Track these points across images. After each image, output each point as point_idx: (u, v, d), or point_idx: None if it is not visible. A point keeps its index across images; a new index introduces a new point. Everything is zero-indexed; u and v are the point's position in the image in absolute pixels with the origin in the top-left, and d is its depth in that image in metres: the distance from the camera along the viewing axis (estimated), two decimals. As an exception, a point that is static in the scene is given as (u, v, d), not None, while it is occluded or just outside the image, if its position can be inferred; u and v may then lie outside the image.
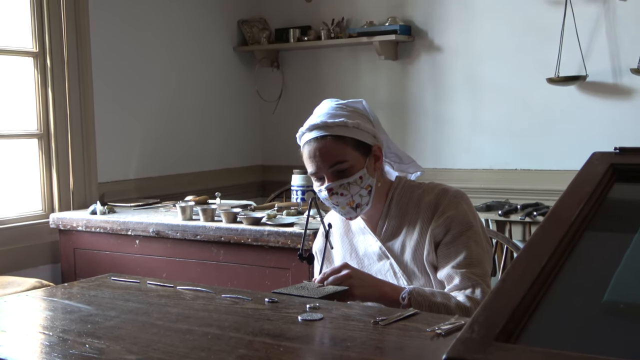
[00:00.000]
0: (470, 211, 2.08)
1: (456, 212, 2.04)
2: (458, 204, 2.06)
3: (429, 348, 1.50)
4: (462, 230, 2.03)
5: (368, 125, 2.10)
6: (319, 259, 2.26)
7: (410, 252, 2.08)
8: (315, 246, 2.32)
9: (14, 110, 4.00)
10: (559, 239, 1.19)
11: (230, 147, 5.27)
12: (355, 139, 2.06)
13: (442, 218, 2.04)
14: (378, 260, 2.14)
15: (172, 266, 3.50)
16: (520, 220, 4.03)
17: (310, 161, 2.08)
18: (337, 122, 2.06)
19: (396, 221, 2.13)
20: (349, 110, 2.12)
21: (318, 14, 5.11)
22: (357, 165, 2.05)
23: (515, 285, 1.08)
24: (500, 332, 0.98)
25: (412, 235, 2.09)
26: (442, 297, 1.94)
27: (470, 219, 2.05)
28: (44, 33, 4.00)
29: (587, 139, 4.19)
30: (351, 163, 2.04)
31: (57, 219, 3.87)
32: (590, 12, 4.17)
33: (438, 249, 2.04)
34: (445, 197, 2.07)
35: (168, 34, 4.77)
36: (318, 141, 2.06)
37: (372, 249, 2.15)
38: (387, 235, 2.14)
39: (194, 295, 1.99)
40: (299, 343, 1.53)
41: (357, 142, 2.07)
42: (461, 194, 2.10)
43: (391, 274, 2.10)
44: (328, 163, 2.05)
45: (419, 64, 4.78)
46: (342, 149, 2.05)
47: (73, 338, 1.62)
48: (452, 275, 2.00)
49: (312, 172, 2.09)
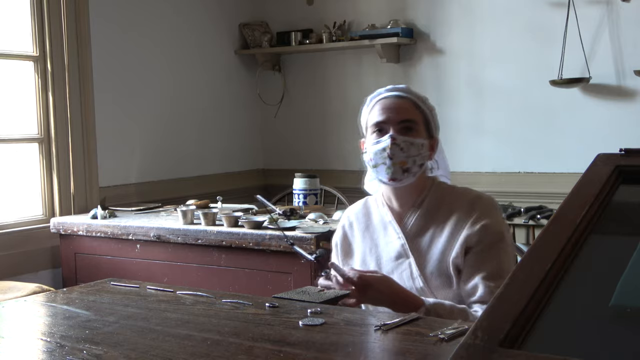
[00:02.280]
0: (503, 220, 2.09)
1: (491, 221, 2.03)
2: (493, 213, 2.06)
3: (432, 353, 1.47)
4: (494, 240, 2.01)
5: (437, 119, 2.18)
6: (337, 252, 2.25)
7: (435, 252, 2.06)
8: (335, 237, 2.29)
9: (14, 115, 3.99)
10: (564, 242, 1.17)
11: (232, 151, 5.25)
12: (427, 118, 2.13)
13: (477, 225, 2.02)
14: (396, 258, 2.10)
15: (173, 271, 3.48)
16: (524, 223, 4.01)
17: (381, 112, 2.10)
18: (418, 95, 2.15)
19: (424, 220, 2.11)
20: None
21: (320, 17, 5.10)
22: (422, 134, 2.10)
23: (519, 289, 1.06)
24: (505, 338, 0.96)
25: (440, 236, 2.06)
26: (460, 314, 1.91)
27: (503, 229, 2.05)
28: (45, 37, 3.99)
29: (590, 141, 4.17)
30: (418, 129, 2.09)
31: (57, 223, 3.86)
32: (593, 14, 4.15)
33: (468, 255, 2.02)
34: (480, 203, 2.07)
35: (169, 38, 4.76)
36: (398, 98, 2.12)
37: (393, 246, 2.12)
38: (412, 232, 2.11)
39: (194, 300, 1.97)
40: (299, 349, 1.51)
41: (427, 122, 2.13)
42: (494, 201, 2.11)
43: (407, 274, 2.07)
44: (401, 117, 2.08)
45: (421, 67, 4.76)
46: (416, 114, 2.11)
47: (71, 344, 1.60)
48: (478, 286, 1.98)
49: (378, 122, 2.10)
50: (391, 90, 2.15)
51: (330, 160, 5.17)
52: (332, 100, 5.16)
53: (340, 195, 4.51)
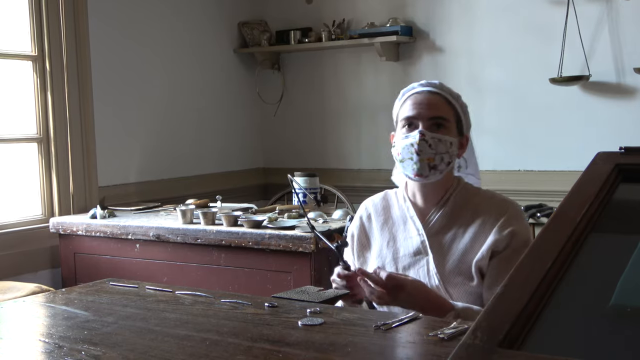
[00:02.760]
0: (529, 227, 2.10)
1: (519, 228, 2.03)
2: (521, 219, 2.07)
3: (431, 353, 1.47)
4: (521, 247, 1.99)
5: (469, 118, 2.18)
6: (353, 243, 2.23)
7: (457, 253, 2.05)
8: (352, 227, 2.27)
9: (13, 114, 3.98)
10: (564, 241, 1.17)
11: (231, 150, 5.24)
12: (459, 115, 2.13)
13: (506, 230, 2.01)
14: (414, 254, 2.09)
15: (172, 270, 3.48)
16: (524, 221, 4.00)
17: (413, 107, 2.09)
18: (452, 91, 2.15)
19: (447, 219, 2.09)
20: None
21: (319, 15, 5.09)
22: (452, 132, 2.09)
23: (519, 289, 1.05)
24: (504, 338, 0.95)
25: (463, 236, 2.05)
26: None
27: (530, 236, 2.05)
28: (43, 36, 3.98)
29: (590, 139, 4.16)
30: (449, 126, 2.08)
31: (57, 223, 3.85)
32: (592, 11, 4.14)
33: (493, 259, 2.00)
34: (508, 208, 2.07)
35: (168, 37, 4.75)
36: (431, 94, 2.11)
37: (412, 242, 2.11)
38: (435, 229, 2.10)
39: (193, 300, 1.96)
40: (298, 349, 1.50)
41: (459, 119, 2.12)
42: (520, 207, 2.12)
43: (424, 271, 2.06)
44: (432, 113, 2.07)
45: (421, 65, 4.76)
46: (448, 111, 2.10)
47: (69, 345, 1.60)
48: None
49: (408, 117, 2.09)
50: (425, 86, 2.14)
51: (330, 159, 5.16)
52: (332, 99, 5.15)
53: (339, 194, 4.50)
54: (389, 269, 2.09)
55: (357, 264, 2.21)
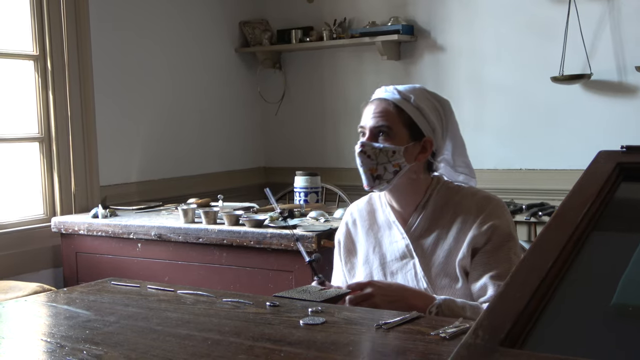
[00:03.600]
0: (512, 222, 2.06)
1: (500, 222, 2.01)
2: (502, 214, 2.04)
3: (433, 352, 1.47)
4: (503, 241, 1.99)
5: (432, 118, 2.11)
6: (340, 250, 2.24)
7: (441, 254, 2.04)
8: (338, 234, 2.28)
9: (14, 114, 3.98)
10: (565, 240, 1.16)
11: (233, 149, 5.24)
12: (411, 119, 2.07)
13: (485, 226, 2.00)
14: (401, 258, 2.09)
15: (174, 269, 3.48)
16: (526, 220, 4.00)
17: (365, 114, 2.11)
18: (404, 94, 2.09)
19: (429, 220, 2.09)
20: (426, 97, 2.13)
21: (320, 14, 5.09)
22: (398, 140, 2.05)
23: (520, 288, 1.05)
24: (506, 337, 0.95)
25: (446, 237, 2.05)
26: (472, 312, 1.90)
27: (512, 230, 2.03)
28: (45, 36, 3.98)
29: (592, 138, 4.16)
30: (394, 134, 2.05)
31: (58, 222, 3.85)
32: (594, 10, 4.14)
33: (475, 255, 2.00)
34: (488, 204, 2.05)
35: (169, 36, 4.75)
36: (381, 101, 2.10)
37: (397, 246, 2.11)
38: (417, 233, 2.09)
39: (195, 299, 1.96)
40: (300, 348, 1.50)
41: (411, 123, 2.07)
42: (503, 203, 2.09)
43: (412, 274, 2.06)
44: (375, 122, 2.07)
45: (422, 64, 4.75)
46: (394, 118, 2.06)
47: (71, 344, 1.60)
48: (487, 286, 1.96)
49: (360, 125, 2.12)
50: (383, 92, 2.14)
51: (331, 158, 5.16)
52: (333, 98, 5.15)
53: (341, 193, 4.50)
54: (377, 275, 2.11)
55: (345, 270, 2.22)
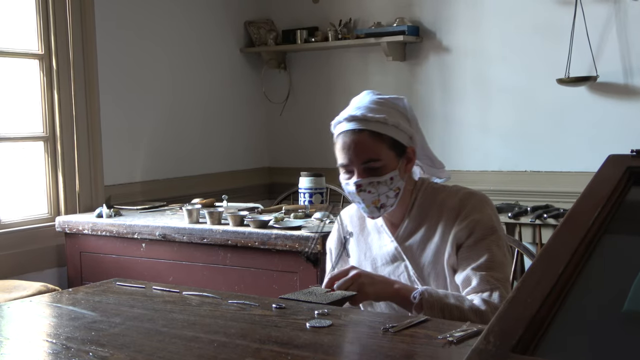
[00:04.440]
0: (495, 216, 2.04)
1: (481, 216, 2.00)
2: (483, 208, 2.02)
3: (441, 356, 1.46)
4: (485, 234, 1.98)
5: (406, 125, 2.05)
6: (332, 258, 2.23)
7: (429, 254, 2.04)
8: (329, 242, 2.27)
9: (19, 113, 3.98)
10: (576, 244, 1.16)
11: (237, 150, 5.24)
12: (393, 139, 2.01)
13: (466, 221, 1.99)
14: (392, 261, 2.09)
15: (178, 270, 3.47)
16: (531, 222, 3.99)
17: (343, 153, 2.03)
18: (377, 118, 2.00)
19: (416, 222, 2.08)
20: (390, 106, 2.05)
21: (325, 15, 5.08)
22: (389, 165, 2.00)
23: (531, 293, 1.05)
24: (517, 343, 0.95)
25: (433, 237, 2.04)
26: (456, 300, 1.89)
27: (494, 223, 2.01)
28: (50, 35, 3.98)
29: (597, 141, 4.14)
30: (384, 162, 2.00)
31: (63, 222, 3.85)
32: (600, 12, 4.12)
33: (459, 251, 1.99)
34: (470, 200, 2.03)
35: (174, 36, 4.74)
36: (355, 134, 2.00)
37: (387, 250, 2.10)
38: (405, 236, 2.09)
39: (200, 301, 1.96)
40: (307, 351, 1.49)
41: (394, 142, 2.01)
42: (486, 198, 2.06)
43: (405, 277, 2.06)
44: (361, 158, 2.00)
45: (427, 65, 4.74)
46: (378, 146, 1.99)
47: (77, 346, 1.59)
48: (470, 277, 1.94)
49: (342, 164, 2.04)
50: (350, 121, 2.03)
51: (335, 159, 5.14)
52: (338, 99, 5.13)
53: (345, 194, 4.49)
54: None
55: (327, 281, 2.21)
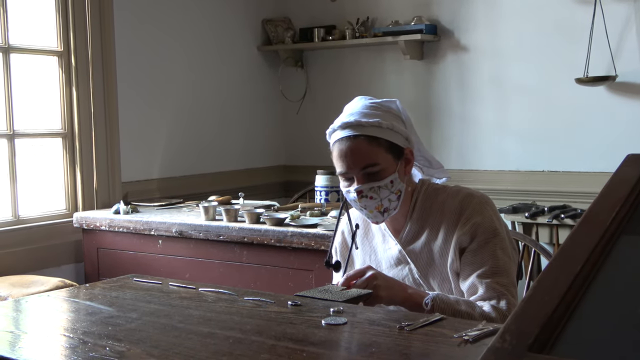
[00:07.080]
0: (496, 217, 2.02)
1: (482, 219, 1.98)
2: (484, 210, 2.00)
3: (456, 355, 1.46)
4: (488, 237, 1.97)
5: (401, 127, 2.04)
6: (338, 256, 2.23)
7: (433, 257, 2.03)
8: (334, 243, 2.27)
9: (38, 109, 4.01)
10: (594, 244, 1.15)
11: (254, 147, 5.25)
12: (389, 141, 2.00)
13: (468, 225, 1.98)
14: (396, 264, 2.09)
15: (195, 267, 3.48)
16: (548, 222, 3.97)
17: (341, 161, 2.01)
18: (371, 122, 1.99)
19: (418, 225, 2.07)
20: (383, 110, 2.06)
21: (343, 13, 5.08)
22: (388, 169, 1.99)
23: (548, 292, 1.04)
24: (534, 342, 0.94)
25: (436, 240, 2.03)
26: (467, 306, 1.89)
27: (496, 225, 1.99)
28: (69, 32, 4.00)
29: (616, 141, 4.12)
30: (383, 166, 1.98)
31: (80, 218, 3.87)
32: (620, 11, 4.09)
33: (462, 256, 1.98)
34: (470, 202, 2.01)
35: (192, 34, 4.76)
36: (350, 140, 1.99)
37: (391, 253, 2.10)
38: (408, 239, 2.08)
39: (216, 297, 1.96)
40: (322, 348, 1.50)
41: (391, 145, 2.00)
42: (486, 198, 2.04)
43: (410, 280, 2.06)
44: (360, 165, 1.98)
45: (445, 64, 4.73)
46: (375, 151, 1.98)
47: (94, 340, 1.60)
48: (477, 285, 1.94)
49: (341, 172, 2.03)
50: (344, 128, 2.01)
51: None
52: (355, 97, 5.13)
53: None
54: None
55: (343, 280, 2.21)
